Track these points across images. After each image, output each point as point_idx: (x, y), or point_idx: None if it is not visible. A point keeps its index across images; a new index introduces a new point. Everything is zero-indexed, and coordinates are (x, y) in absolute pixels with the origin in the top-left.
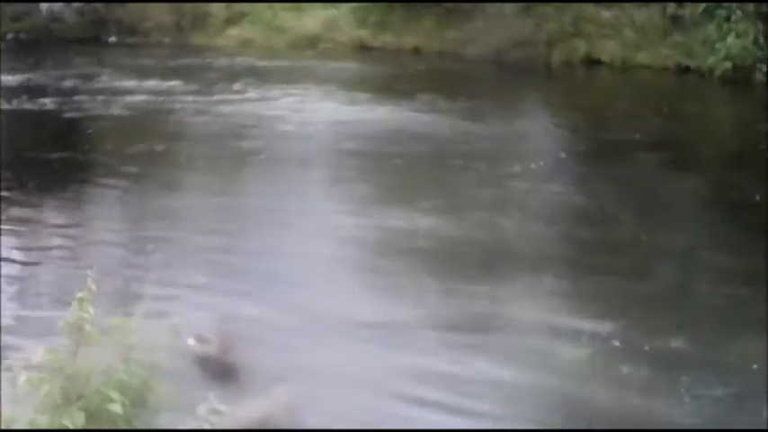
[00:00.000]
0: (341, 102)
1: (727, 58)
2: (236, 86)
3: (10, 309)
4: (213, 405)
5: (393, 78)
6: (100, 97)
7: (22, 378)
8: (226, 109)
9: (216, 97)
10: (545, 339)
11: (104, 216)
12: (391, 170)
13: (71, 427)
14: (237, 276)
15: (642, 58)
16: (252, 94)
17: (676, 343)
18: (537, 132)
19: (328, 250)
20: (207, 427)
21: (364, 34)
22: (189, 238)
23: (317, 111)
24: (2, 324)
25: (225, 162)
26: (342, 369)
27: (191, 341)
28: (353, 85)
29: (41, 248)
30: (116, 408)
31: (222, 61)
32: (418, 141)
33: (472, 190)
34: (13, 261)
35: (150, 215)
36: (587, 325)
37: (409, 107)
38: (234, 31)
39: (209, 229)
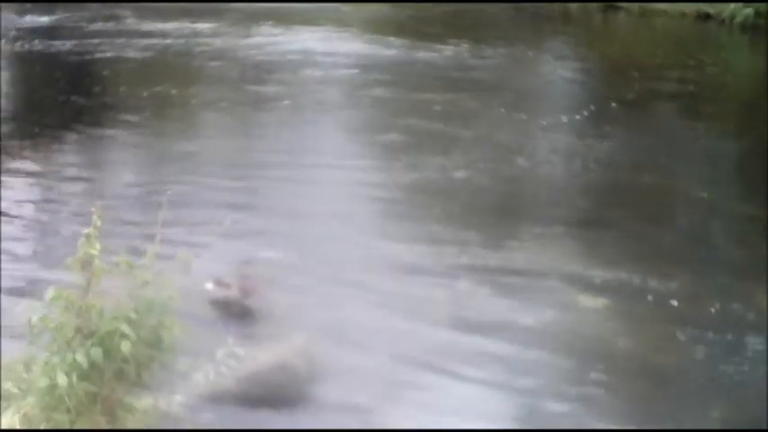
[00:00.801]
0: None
1: (747, 5)
2: (261, 28)
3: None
4: (232, 349)
5: (418, 22)
6: (119, 40)
7: (34, 318)
8: (249, 51)
9: (240, 40)
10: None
11: (115, 161)
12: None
13: (85, 363)
14: (256, 219)
15: (660, 3)
16: (277, 36)
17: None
18: (564, 81)
19: (352, 196)
20: (225, 371)
21: None
22: (204, 182)
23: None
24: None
25: (245, 107)
26: (358, 314)
27: (209, 285)
28: (379, 28)
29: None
30: (126, 346)
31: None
32: (449, 87)
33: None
34: (21, 207)
35: (163, 160)
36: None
37: (438, 51)
38: None
39: (225, 174)
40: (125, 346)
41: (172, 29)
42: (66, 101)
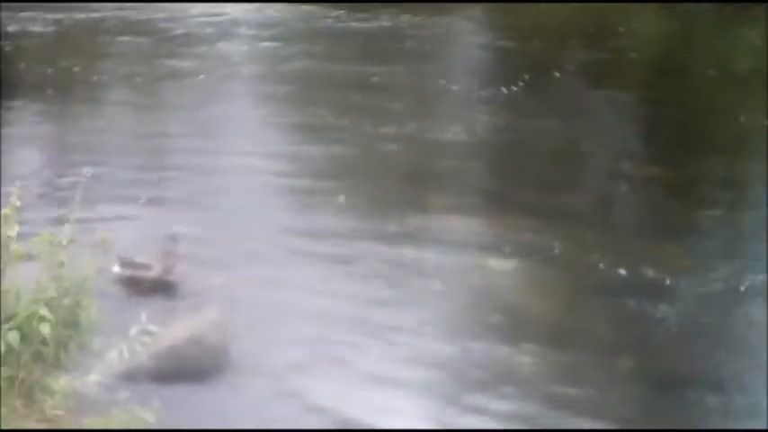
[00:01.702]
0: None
1: None
2: None
3: None
4: (145, 326)
5: None
6: (23, 14)
7: None
8: (167, 24)
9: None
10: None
11: (22, 141)
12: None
13: (2, 347)
14: (168, 195)
15: None
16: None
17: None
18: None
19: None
20: (138, 348)
21: None
22: (116, 162)
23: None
24: None
25: (157, 82)
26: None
27: (116, 268)
28: None
29: None
30: (45, 327)
31: None
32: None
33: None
34: None
35: (72, 139)
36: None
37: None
38: None
39: (136, 155)
40: (45, 329)
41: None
42: None
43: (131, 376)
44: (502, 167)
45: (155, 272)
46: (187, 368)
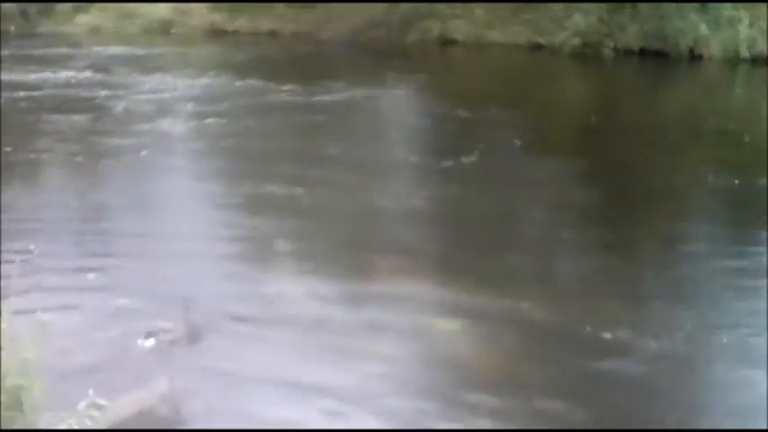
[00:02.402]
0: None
1: (575, 34)
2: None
3: None
4: (93, 400)
5: (258, 63)
6: None
7: None
8: (85, 104)
9: (72, 89)
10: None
11: None
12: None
13: None
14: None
15: (494, 36)
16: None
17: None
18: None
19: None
20: (88, 422)
21: (218, 19)
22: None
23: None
24: None
25: (98, 160)
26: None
27: (145, 342)
28: (209, 68)
29: None
30: None
31: (73, 50)
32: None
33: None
34: None
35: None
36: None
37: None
38: (83, 18)
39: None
40: None
41: (20, 80)
42: None
43: None
44: (451, 233)
45: (181, 332)
46: None
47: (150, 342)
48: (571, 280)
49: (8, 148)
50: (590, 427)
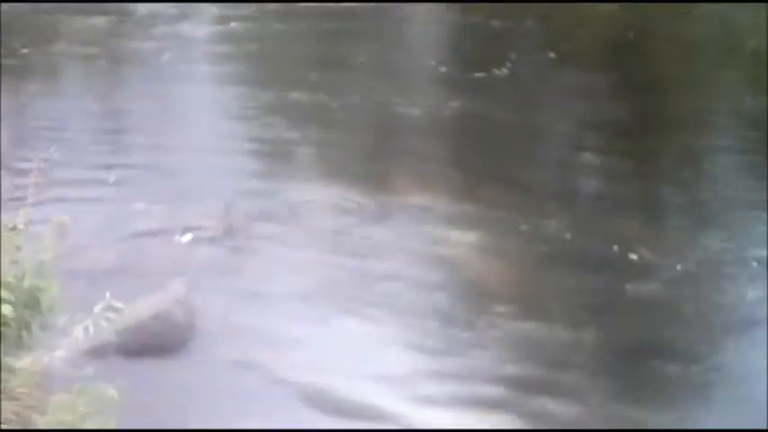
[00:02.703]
0: None
1: None
2: None
3: None
4: (110, 302)
5: None
6: None
7: None
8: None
9: None
10: None
11: None
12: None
13: None
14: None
15: None
16: None
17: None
18: None
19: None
20: (104, 324)
21: None
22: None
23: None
24: None
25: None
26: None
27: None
28: None
29: None
30: (6, 309)
31: None
32: None
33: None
34: None
35: (29, 122)
36: None
37: None
38: None
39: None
40: (6, 309)
41: None
42: None
43: (97, 352)
44: (475, 145)
45: (217, 231)
46: (152, 344)
47: (188, 237)
48: (596, 199)
49: (25, 50)
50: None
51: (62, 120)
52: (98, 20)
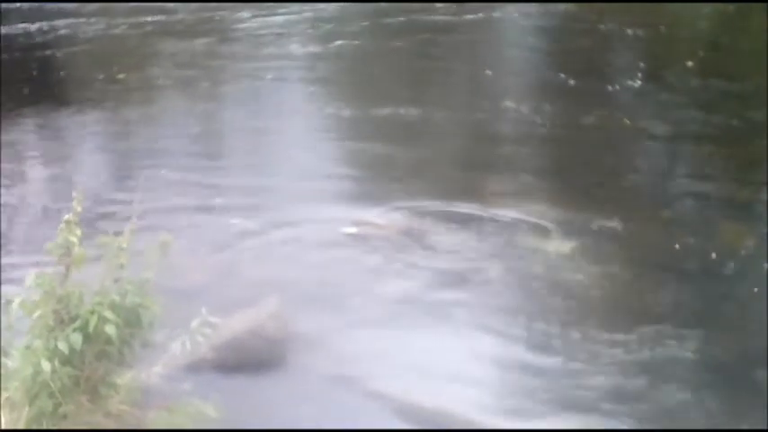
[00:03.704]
0: None
1: None
2: None
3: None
4: (206, 318)
5: None
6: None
7: (15, 303)
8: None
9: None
10: None
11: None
12: None
13: (66, 349)
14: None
15: None
16: None
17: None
18: None
19: None
20: (200, 339)
21: None
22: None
23: None
24: None
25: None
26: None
27: (349, 229)
28: None
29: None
30: (111, 329)
31: None
32: None
33: None
34: None
35: (129, 146)
36: None
37: None
38: None
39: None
40: (110, 330)
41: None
42: None
43: (194, 368)
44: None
45: (389, 230)
46: (247, 359)
47: (353, 230)
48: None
49: (121, 75)
50: None
51: (162, 141)
52: (202, 41)
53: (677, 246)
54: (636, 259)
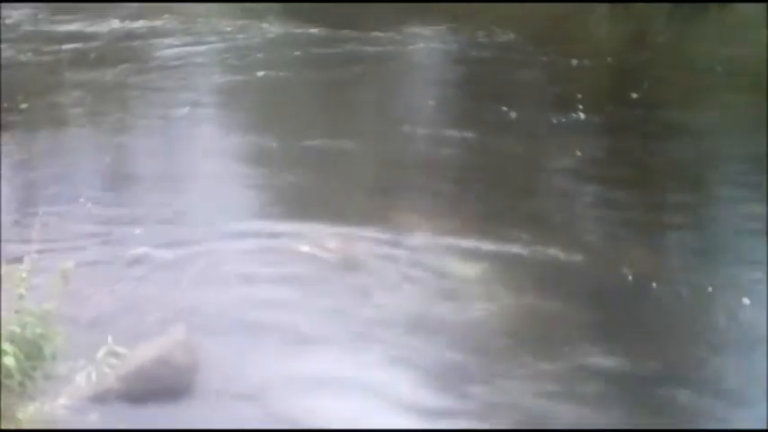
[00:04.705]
0: None
1: None
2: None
3: None
4: (112, 347)
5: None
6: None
7: None
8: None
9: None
10: None
11: None
12: None
13: None
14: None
15: None
16: None
17: None
18: None
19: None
20: (107, 370)
21: None
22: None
23: None
24: None
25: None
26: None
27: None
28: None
29: None
30: (9, 360)
31: None
32: None
33: None
34: None
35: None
36: None
37: None
38: None
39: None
40: (9, 361)
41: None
42: None
43: (100, 399)
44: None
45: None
46: (155, 388)
47: (306, 248)
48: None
49: (24, 105)
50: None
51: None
52: (117, 69)
53: (586, 268)
54: (545, 282)
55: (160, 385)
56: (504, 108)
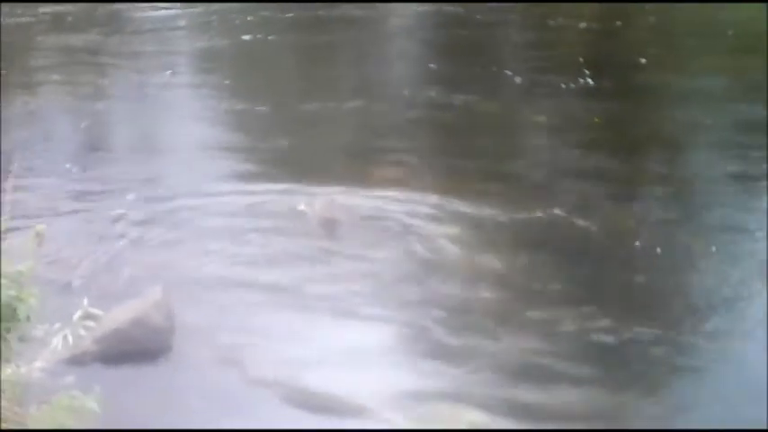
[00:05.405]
0: None
1: None
2: None
3: None
4: (88, 310)
5: None
6: None
7: None
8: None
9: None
10: None
11: None
12: None
13: None
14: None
15: None
16: None
17: None
18: None
19: None
20: (83, 332)
21: None
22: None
23: None
24: None
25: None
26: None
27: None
28: None
29: None
30: None
31: None
32: None
33: None
34: None
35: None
36: None
37: None
38: None
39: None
40: None
41: None
42: None
43: (77, 361)
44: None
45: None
46: (132, 349)
47: (302, 206)
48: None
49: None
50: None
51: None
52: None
53: (563, 228)
54: (523, 242)
55: (137, 347)
56: (509, 72)
